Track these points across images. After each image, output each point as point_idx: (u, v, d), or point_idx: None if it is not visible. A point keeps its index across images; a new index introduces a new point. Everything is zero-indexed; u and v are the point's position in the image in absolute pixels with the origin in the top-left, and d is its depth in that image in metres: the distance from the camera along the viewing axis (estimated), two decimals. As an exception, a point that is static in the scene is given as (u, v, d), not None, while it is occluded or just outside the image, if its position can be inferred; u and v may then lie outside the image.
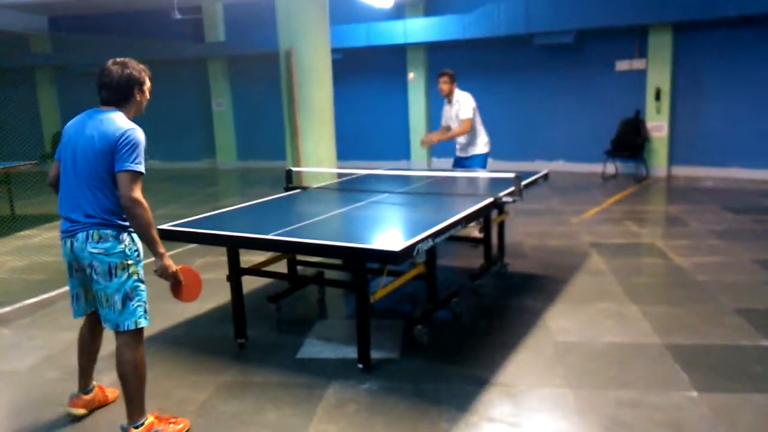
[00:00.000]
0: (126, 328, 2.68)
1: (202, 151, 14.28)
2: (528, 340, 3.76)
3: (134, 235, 2.71)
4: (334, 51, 7.36)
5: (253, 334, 3.94)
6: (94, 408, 3.05)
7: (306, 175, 6.49)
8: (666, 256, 5.52)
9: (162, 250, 2.67)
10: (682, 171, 10.43)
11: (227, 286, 3.86)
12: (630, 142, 10.36)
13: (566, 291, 4.63)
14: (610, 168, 10.58)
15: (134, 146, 2.58)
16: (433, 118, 12.48)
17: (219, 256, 5.05)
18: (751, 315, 4.02)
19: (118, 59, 2.72)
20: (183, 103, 14.18)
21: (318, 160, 6.96)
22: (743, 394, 3.03)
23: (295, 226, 3.56)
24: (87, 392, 3.02)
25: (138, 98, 2.75)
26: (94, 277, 2.64)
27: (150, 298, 2.83)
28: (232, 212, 4.25)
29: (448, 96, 6.34)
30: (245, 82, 13.58)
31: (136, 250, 2.71)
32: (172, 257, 2.77)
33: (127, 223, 2.65)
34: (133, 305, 2.68)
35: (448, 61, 12.21)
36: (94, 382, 3.08)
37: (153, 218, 2.62)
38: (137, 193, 2.57)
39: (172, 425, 2.79)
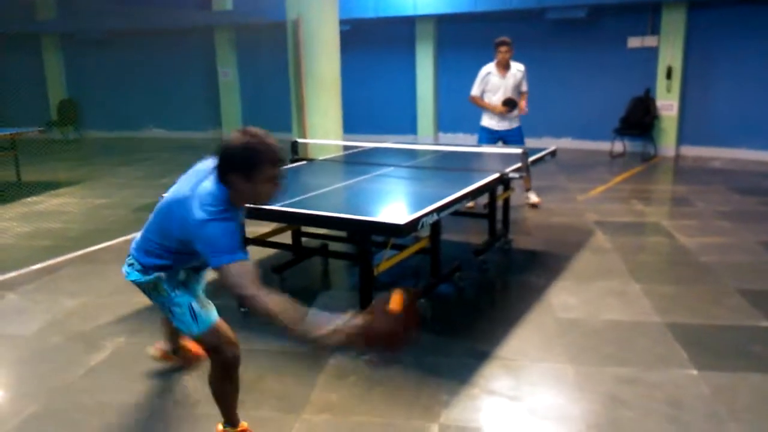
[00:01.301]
0: (191, 335, 2.48)
1: (208, 121, 14.23)
2: (530, 315, 3.78)
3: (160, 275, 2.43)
4: (342, 22, 7.27)
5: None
6: (180, 366, 3.14)
7: (312, 147, 6.47)
8: (671, 235, 5.51)
9: (328, 331, 2.08)
10: (690, 151, 10.35)
11: (231, 255, 3.87)
12: (639, 120, 10.26)
13: (569, 268, 4.63)
14: (618, 146, 10.50)
15: (209, 239, 2.11)
16: (442, 92, 12.39)
17: (224, 226, 5.06)
18: (753, 296, 4.02)
19: (251, 129, 2.18)
20: (189, 72, 14.10)
21: (324, 132, 6.93)
22: (742, 373, 3.05)
23: (300, 198, 3.56)
24: (171, 352, 3.10)
25: (238, 186, 2.15)
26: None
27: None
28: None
29: (506, 66, 6.41)
30: (252, 52, 13.46)
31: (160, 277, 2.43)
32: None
33: (161, 262, 2.40)
34: (179, 312, 2.44)
35: (458, 35, 12.11)
36: (182, 344, 3.10)
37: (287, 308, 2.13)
38: (249, 287, 2.12)
39: None
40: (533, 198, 6.72)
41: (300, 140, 5.61)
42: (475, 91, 6.60)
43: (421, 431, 2.61)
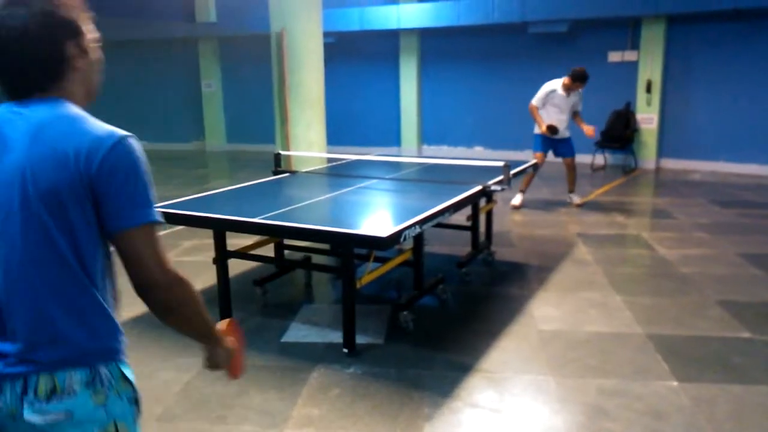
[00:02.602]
0: None
1: (191, 132, 14.17)
2: (512, 327, 3.78)
3: (126, 369, 1.40)
4: (326, 35, 7.29)
5: (239, 317, 3.93)
6: None
7: (295, 159, 6.46)
8: (651, 247, 5.56)
9: (217, 333, 1.53)
10: (670, 164, 10.49)
11: (213, 268, 3.84)
12: (620, 133, 10.38)
13: (551, 280, 4.65)
14: (599, 159, 10.62)
15: (141, 172, 1.32)
16: (426, 104, 12.45)
17: (205, 239, 5.04)
18: (734, 307, 4.06)
19: None
20: (172, 83, 14.05)
21: (308, 144, 6.92)
22: (722, 384, 3.07)
23: (282, 210, 3.55)
24: None
25: (79, 63, 1.31)
26: None
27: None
28: (220, 195, 4.23)
29: (570, 88, 7.24)
30: (236, 64, 13.46)
31: (134, 399, 1.42)
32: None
33: (117, 345, 1.37)
34: None
35: (442, 48, 12.20)
36: None
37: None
38: (170, 262, 1.32)
39: None
40: (576, 199, 7.39)
41: (283, 152, 5.59)
42: (535, 101, 7.36)
43: (404, 445, 2.60)
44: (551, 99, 7.26)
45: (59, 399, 1.24)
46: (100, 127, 1.29)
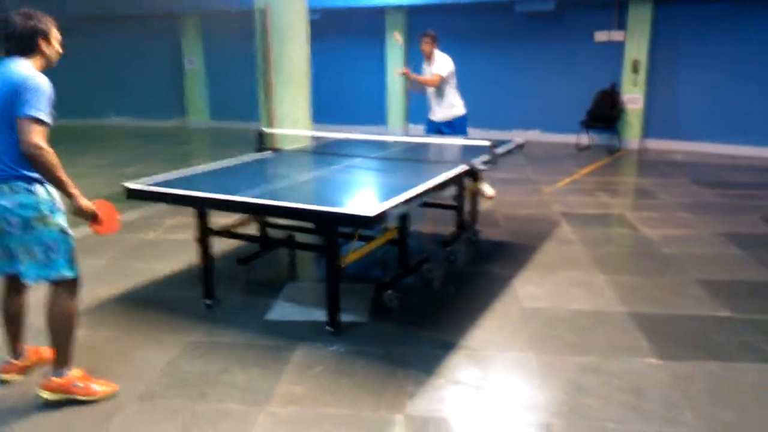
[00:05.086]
0: (50, 280, 2.66)
1: (173, 109, 13.98)
2: (496, 305, 3.81)
3: (48, 186, 2.61)
4: (311, 11, 7.18)
5: (222, 296, 3.92)
6: (30, 371, 2.98)
7: (280, 137, 6.39)
8: (634, 227, 5.61)
9: (73, 190, 2.58)
10: (654, 144, 10.54)
11: (196, 247, 3.81)
12: (605, 113, 10.41)
13: (535, 259, 4.68)
14: (585, 139, 10.64)
15: (37, 92, 2.48)
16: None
17: (188, 217, 4.98)
18: (713, 286, 4.11)
19: (22, 10, 2.64)
20: (154, 59, 13.82)
21: (293, 122, 6.85)
22: (700, 361, 3.12)
23: (266, 188, 3.52)
24: (19, 358, 2.95)
25: (45, 49, 2.66)
26: (11, 230, 2.58)
27: (115, 257, 2.79)
28: (202, 172, 4.17)
29: (429, 57, 6.48)
30: (219, 40, 13.23)
31: (52, 201, 2.62)
32: (141, 218, 2.72)
33: (36, 175, 2.55)
34: (54, 256, 2.63)
35: (427, 26, 12.06)
36: (26, 346, 2.99)
37: (59, 161, 2.51)
38: (38, 139, 2.45)
39: (95, 386, 2.76)
40: (488, 191, 6.73)
41: (267, 130, 5.54)
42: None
43: (387, 422, 2.61)
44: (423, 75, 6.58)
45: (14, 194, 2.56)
46: (28, 72, 2.54)
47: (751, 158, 9.38)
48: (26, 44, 2.61)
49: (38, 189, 2.58)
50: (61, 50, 2.74)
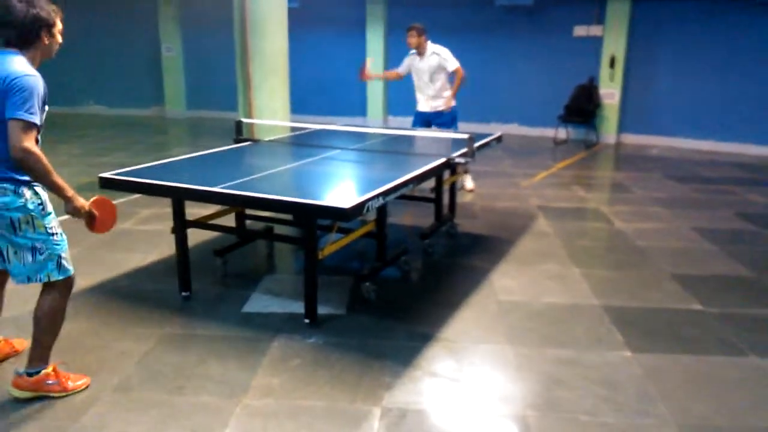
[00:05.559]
0: (38, 281, 2.60)
1: (150, 98, 13.77)
2: (473, 298, 3.83)
3: (37, 188, 2.53)
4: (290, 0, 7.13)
5: (198, 288, 3.88)
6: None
7: (258, 128, 6.35)
8: (609, 221, 5.68)
9: (69, 193, 2.50)
10: (630, 139, 10.67)
11: (172, 238, 3.77)
12: (582, 108, 10.50)
13: (512, 252, 4.72)
14: (562, 133, 10.73)
15: (27, 93, 2.33)
16: (390, 75, 12.34)
17: (164, 208, 4.93)
18: (687, 280, 4.19)
19: None
20: (131, 46, 13.58)
21: (271, 112, 6.80)
22: (673, 354, 3.18)
23: (244, 179, 3.49)
24: None
25: (46, 41, 2.49)
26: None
27: (90, 247, 2.75)
28: (179, 162, 4.12)
29: (418, 49, 6.42)
30: (197, 28, 13.07)
31: (39, 204, 2.53)
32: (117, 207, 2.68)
33: (25, 177, 2.46)
34: (42, 258, 2.55)
35: (408, 18, 12.01)
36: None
37: (51, 164, 2.43)
38: (28, 143, 2.34)
39: (69, 381, 2.71)
40: (469, 184, 6.76)
41: (245, 120, 5.49)
42: (400, 69, 6.74)
43: (365, 414, 2.62)
44: (410, 66, 6.60)
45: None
46: (19, 69, 2.38)
47: (726, 154, 9.56)
48: (26, 35, 2.43)
49: (25, 192, 2.49)
50: (61, 41, 2.58)
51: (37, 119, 2.37)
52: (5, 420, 2.55)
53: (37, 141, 2.44)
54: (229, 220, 4.36)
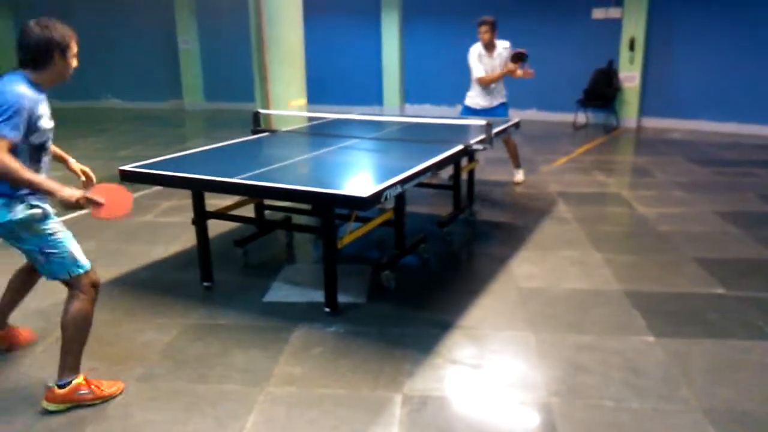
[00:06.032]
0: (62, 278, 2.61)
1: (168, 91, 13.86)
2: (493, 285, 3.82)
3: (32, 201, 2.51)
4: (305, -11, 7.11)
5: (220, 278, 3.92)
6: (3, 348, 3.05)
7: (275, 118, 6.36)
8: (631, 205, 5.61)
9: (48, 187, 2.42)
10: (651, 122, 10.52)
11: (193, 229, 3.81)
12: (602, 92, 10.37)
13: (532, 238, 4.69)
14: (581, 118, 10.61)
15: (5, 107, 2.34)
16: (408, 62, 12.29)
17: (184, 200, 4.97)
18: (709, 264, 4.13)
19: (42, 20, 2.50)
20: (148, 40, 13.67)
21: (288, 102, 6.81)
22: (696, 339, 3.14)
23: (262, 170, 3.50)
24: None
25: (58, 63, 2.52)
26: (10, 241, 2.59)
27: (111, 240, 2.78)
28: (198, 154, 4.15)
29: (490, 47, 6.13)
30: (213, 20, 13.11)
31: (30, 215, 2.51)
32: (136, 201, 2.70)
33: (21, 191, 2.47)
34: (57, 258, 2.57)
35: (424, 4, 11.97)
36: (10, 323, 3.07)
37: (15, 165, 2.35)
38: None
39: (102, 389, 2.67)
40: (519, 177, 6.52)
41: (263, 111, 5.50)
42: (479, 72, 6.19)
43: (386, 401, 2.63)
44: (482, 65, 6.26)
45: None
46: (8, 87, 2.41)
47: (748, 136, 9.37)
48: (39, 56, 2.48)
49: (16, 206, 2.48)
50: (76, 64, 2.62)
51: (8, 132, 2.34)
52: (30, 410, 2.60)
53: (13, 151, 2.39)
54: (249, 211, 4.39)
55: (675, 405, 2.58)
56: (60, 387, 2.59)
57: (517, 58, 6.13)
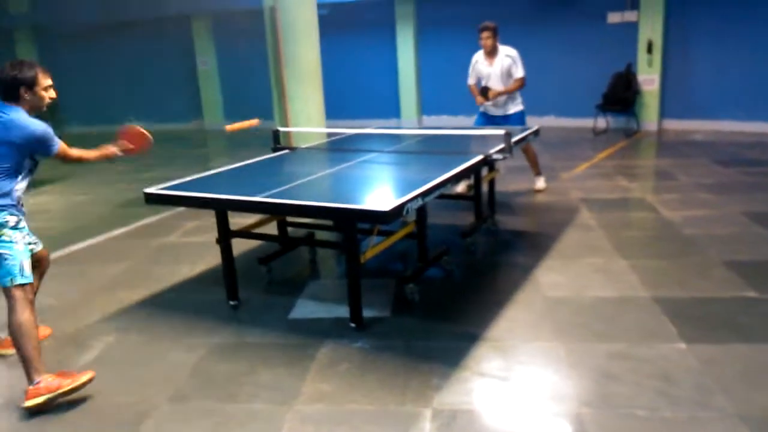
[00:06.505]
0: (4, 285, 2.89)
1: (189, 112, 14.06)
2: (518, 295, 3.79)
3: (5, 215, 2.90)
4: (319, 6, 7.19)
5: (245, 296, 3.95)
6: None
7: (295, 136, 6.42)
8: (655, 210, 5.54)
9: (102, 154, 3.46)
10: (672, 125, 10.40)
11: (217, 249, 3.84)
12: (621, 96, 10.29)
13: (556, 247, 4.65)
14: (601, 122, 10.53)
15: (43, 128, 2.94)
16: (425, 74, 12.32)
17: (208, 219, 5.03)
18: (739, 267, 4.06)
19: (17, 60, 2.98)
20: (166, 62, 13.91)
21: (307, 119, 6.87)
22: (729, 344, 3.08)
23: (284, 188, 3.53)
24: None
25: (27, 97, 2.95)
26: None
27: (138, 262, 2.82)
28: (220, 174, 4.20)
29: (491, 53, 6.11)
30: (230, 40, 13.28)
31: (5, 220, 2.90)
32: (160, 222, 2.74)
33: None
34: (8, 263, 2.87)
35: (439, 16, 12.01)
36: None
37: (78, 152, 3.17)
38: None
39: (71, 376, 2.85)
40: (540, 184, 6.49)
41: (282, 128, 5.55)
42: (469, 80, 6.29)
43: (415, 416, 2.62)
44: (478, 72, 6.24)
45: None
46: (27, 116, 2.95)
47: (772, 134, 9.22)
48: (8, 91, 2.93)
49: None
50: (51, 96, 3.04)
51: (57, 140, 3.05)
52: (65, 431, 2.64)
53: (19, 164, 2.96)
54: (272, 228, 4.42)
55: (710, 412, 2.53)
56: (32, 386, 2.78)
57: (482, 93, 6.12)
